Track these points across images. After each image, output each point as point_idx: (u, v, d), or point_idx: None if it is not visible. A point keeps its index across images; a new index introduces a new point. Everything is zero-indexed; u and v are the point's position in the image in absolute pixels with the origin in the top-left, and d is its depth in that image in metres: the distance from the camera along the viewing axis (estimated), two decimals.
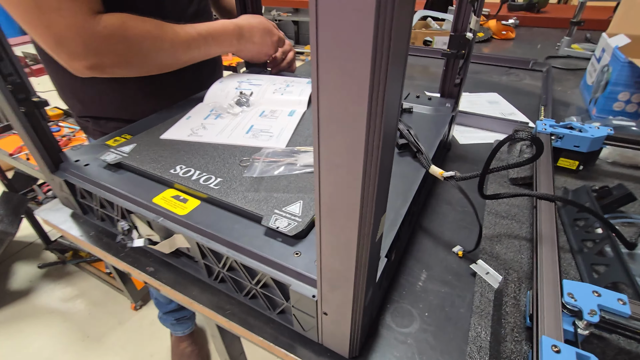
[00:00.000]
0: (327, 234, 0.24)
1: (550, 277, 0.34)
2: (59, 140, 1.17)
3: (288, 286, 0.32)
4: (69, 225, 0.52)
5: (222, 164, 0.45)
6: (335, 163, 0.20)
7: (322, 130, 0.19)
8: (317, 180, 0.21)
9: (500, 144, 0.39)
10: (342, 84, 0.17)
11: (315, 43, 0.16)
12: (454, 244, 0.46)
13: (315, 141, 0.20)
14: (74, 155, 0.50)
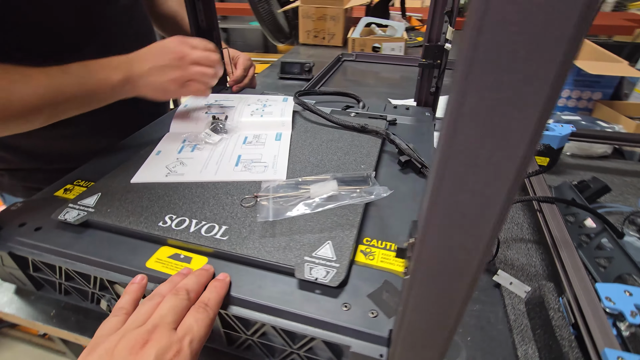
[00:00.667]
0: (422, 292, 0.20)
1: (582, 282, 0.35)
2: None
3: (347, 348, 0.28)
4: (17, 306, 0.40)
5: (220, 208, 0.39)
6: (461, 212, 0.17)
7: (448, 176, 0.16)
8: (428, 230, 0.18)
9: None
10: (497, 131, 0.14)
11: (462, 88, 0.13)
12: None
13: (436, 181, 0.16)
14: (14, 217, 0.39)
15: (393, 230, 0.38)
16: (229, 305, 0.31)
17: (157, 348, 0.25)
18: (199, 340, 0.27)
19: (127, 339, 0.25)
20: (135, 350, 0.25)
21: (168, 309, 0.28)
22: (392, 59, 1.28)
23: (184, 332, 0.27)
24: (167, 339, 0.26)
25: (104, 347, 0.25)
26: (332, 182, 0.40)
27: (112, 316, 0.28)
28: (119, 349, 0.25)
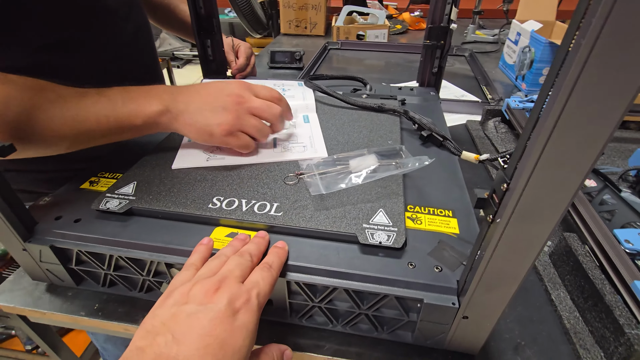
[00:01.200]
0: (512, 233, 0.23)
1: (602, 229, 0.40)
2: None
3: (420, 300, 0.30)
4: (54, 304, 0.39)
5: (265, 187, 0.40)
6: (557, 161, 0.19)
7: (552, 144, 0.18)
8: (524, 181, 0.20)
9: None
10: None
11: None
12: None
13: (539, 144, 0.19)
14: (47, 211, 0.38)
15: (431, 197, 0.40)
16: (299, 274, 0.32)
17: (228, 294, 0.26)
18: (264, 295, 0.28)
19: (200, 284, 0.27)
20: (208, 294, 0.26)
21: (235, 265, 0.29)
22: (377, 45, 1.31)
23: (251, 285, 0.28)
24: (237, 288, 0.27)
25: (179, 291, 0.27)
26: (371, 156, 0.41)
27: (183, 270, 0.30)
28: (193, 292, 0.26)
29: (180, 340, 0.23)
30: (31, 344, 1.14)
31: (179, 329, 0.24)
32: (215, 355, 0.23)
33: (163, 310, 0.26)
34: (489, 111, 0.72)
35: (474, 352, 0.33)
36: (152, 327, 0.25)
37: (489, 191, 0.25)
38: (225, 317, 0.25)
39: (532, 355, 0.34)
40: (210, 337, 0.24)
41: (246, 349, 0.25)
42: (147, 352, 0.23)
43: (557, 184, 0.20)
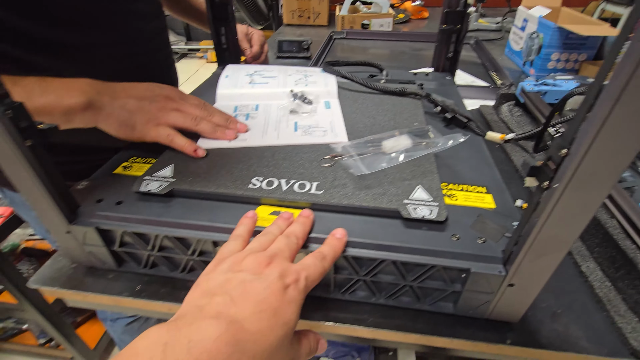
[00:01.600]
0: (570, 197, 0.23)
1: (627, 202, 0.41)
2: None
3: (466, 270, 0.31)
4: (97, 286, 0.39)
5: (301, 168, 0.40)
6: (619, 126, 0.20)
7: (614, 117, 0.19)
8: (586, 146, 0.21)
9: (565, 98, 0.43)
10: None
11: None
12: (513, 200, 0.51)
13: (599, 118, 0.19)
14: (87, 195, 0.38)
15: (463, 175, 0.41)
16: (347, 247, 0.32)
17: (279, 269, 0.27)
18: (312, 280, 0.29)
19: (253, 256, 0.28)
20: (261, 266, 0.27)
21: (284, 245, 0.30)
22: (382, 34, 1.31)
23: (302, 267, 0.28)
24: (287, 266, 0.28)
25: (232, 259, 0.28)
26: (404, 136, 0.42)
27: (231, 241, 0.31)
28: (246, 262, 0.27)
29: (237, 302, 0.24)
30: (44, 337, 1.15)
31: (235, 292, 0.25)
32: (269, 321, 0.24)
33: (216, 274, 0.27)
34: (502, 95, 0.73)
35: (514, 319, 0.34)
36: (208, 289, 0.26)
37: (542, 159, 0.26)
38: (277, 289, 0.26)
39: (569, 322, 0.35)
40: (264, 304, 0.25)
41: (293, 323, 0.26)
42: (206, 310, 0.24)
43: (617, 148, 0.21)
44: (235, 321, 0.23)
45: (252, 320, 0.24)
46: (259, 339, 0.23)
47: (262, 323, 0.24)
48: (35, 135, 0.30)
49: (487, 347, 0.34)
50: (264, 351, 0.23)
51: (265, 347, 0.23)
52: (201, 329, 0.22)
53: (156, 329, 0.22)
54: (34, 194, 0.32)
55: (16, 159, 0.30)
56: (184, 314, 0.24)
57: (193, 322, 0.23)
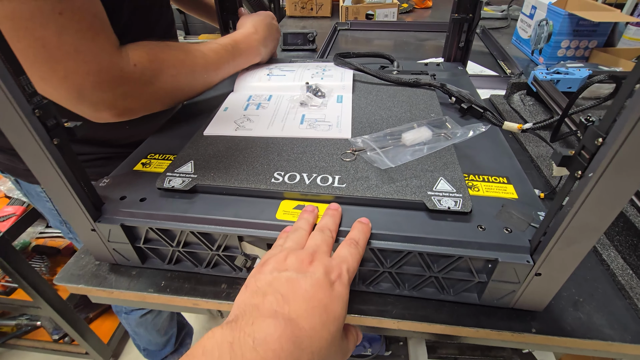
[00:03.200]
0: (605, 185, 0.23)
1: None
2: None
3: (493, 261, 0.31)
4: (122, 283, 0.40)
5: (322, 162, 0.40)
6: None
7: None
8: (624, 135, 0.21)
9: (584, 87, 0.43)
10: None
11: None
12: None
13: None
14: (110, 192, 0.38)
15: (483, 166, 0.41)
16: (373, 240, 0.33)
17: (323, 266, 0.27)
18: (353, 270, 0.29)
19: (294, 254, 0.28)
20: (304, 264, 0.27)
21: (321, 240, 0.30)
22: (387, 25, 1.30)
23: (341, 260, 0.29)
24: (329, 261, 0.28)
25: (274, 259, 0.28)
26: (424, 128, 0.42)
27: (291, 233, 0.32)
28: (289, 262, 0.28)
29: (289, 300, 0.24)
30: (58, 333, 1.16)
31: (284, 290, 0.25)
32: (321, 317, 0.25)
33: (263, 275, 0.27)
34: (514, 84, 0.72)
35: (539, 308, 0.34)
36: (257, 288, 0.26)
37: (574, 149, 0.26)
38: (324, 285, 0.26)
39: (592, 310, 0.35)
40: (314, 300, 0.25)
41: (343, 318, 0.26)
42: (262, 309, 0.24)
43: None
44: (291, 319, 0.23)
45: (306, 317, 0.24)
46: (313, 335, 0.24)
47: (314, 319, 0.24)
48: (63, 133, 0.30)
49: (512, 336, 0.34)
50: (321, 348, 0.24)
51: (322, 343, 0.24)
52: (262, 328, 0.23)
53: (219, 330, 0.23)
54: (61, 192, 0.33)
55: (44, 157, 0.30)
56: (242, 314, 0.24)
57: (254, 322, 0.23)
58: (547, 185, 0.51)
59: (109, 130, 0.54)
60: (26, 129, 0.28)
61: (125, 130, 0.57)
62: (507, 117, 0.68)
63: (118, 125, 0.49)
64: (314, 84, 0.53)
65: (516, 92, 0.73)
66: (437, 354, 0.91)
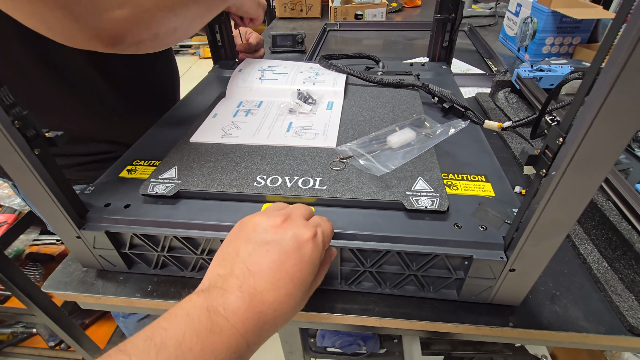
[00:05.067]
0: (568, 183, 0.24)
1: (624, 185, 0.42)
2: None
3: (469, 258, 0.32)
4: (109, 289, 0.40)
5: (304, 164, 0.41)
6: (615, 112, 0.21)
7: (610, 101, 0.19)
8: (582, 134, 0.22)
9: (560, 85, 0.44)
10: None
11: None
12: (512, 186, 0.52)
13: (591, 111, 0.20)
14: (94, 199, 0.39)
15: (462, 165, 0.42)
16: (352, 241, 0.33)
17: (294, 227, 0.28)
18: (327, 235, 0.30)
19: (267, 215, 0.29)
20: (275, 225, 0.28)
21: (297, 207, 0.31)
22: (375, 25, 1.30)
23: (316, 224, 0.29)
24: (303, 223, 0.29)
25: (248, 220, 0.29)
26: (407, 129, 0.43)
27: None
28: (261, 223, 0.28)
29: (255, 273, 0.26)
30: (54, 340, 1.16)
31: (252, 261, 0.26)
32: (287, 289, 0.26)
33: (231, 239, 0.29)
34: (498, 82, 0.73)
35: (516, 303, 0.35)
36: (227, 255, 0.27)
37: (539, 149, 0.26)
38: (293, 251, 0.27)
39: (568, 304, 0.36)
40: (280, 272, 0.26)
41: (310, 280, 0.28)
42: (230, 282, 0.25)
43: (615, 132, 0.22)
44: (256, 293, 0.25)
45: (271, 289, 0.25)
46: (277, 307, 0.25)
47: (279, 291, 0.25)
48: (43, 143, 0.31)
49: (491, 330, 0.35)
50: (285, 313, 0.26)
51: (285, 312, 0.26)
52: (231, 302, 0.24)
53: (195, 296, 0.25)
54: (44, 201, 0.33)
55: (25, 168, 0.30)
56: (213, 284, 0.26)
57: (223, 294, 0.25)
58: (528, 182, 0.52)
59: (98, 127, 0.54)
60: (6, 141, 0.28)
61: (116, 127, 0.57)
62: (491, 115, 0.69)
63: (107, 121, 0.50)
64: (305, 90, 0.54)
65: (500, 90, 0.74)
66: (430, 350, 0.91)
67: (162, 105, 0.62)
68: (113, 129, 0.58)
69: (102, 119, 0.56)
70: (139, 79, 0.60)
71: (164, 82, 0.67)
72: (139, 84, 0.60)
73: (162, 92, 0.67)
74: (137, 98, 0.60)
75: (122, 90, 0.57)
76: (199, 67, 3.44)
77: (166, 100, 0.68)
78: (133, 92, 0.59)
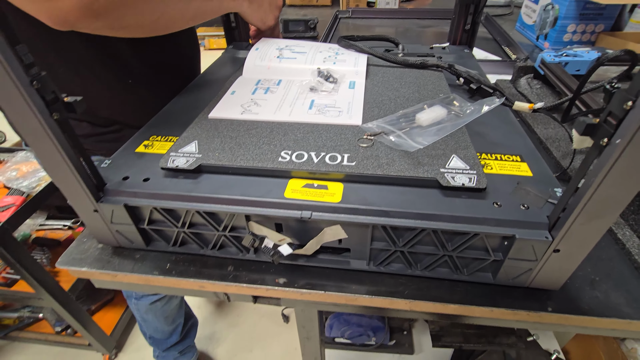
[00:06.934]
0: (634, 152, 0.22)
1: None
2: None
3: (510, 237, 0.30)
4: (126, 266, 0.39)
5: (329, 141, 0.39)
6: None
7: None
8: None
9: (592, 69, 0.42)
10: None
11: None
12: None
13: None
14: (113, 172, 0.37)
15: (495, 145, 0.40)
16: (385, 217, 0.32)
17: None
18: None
19: None
20: None
21: None
22: (388, 12, 1.28)
23: None
24: None
25: None
26: (437, 107, 0.41)
27: None
28: None
29: None
30: (60, 325, 1.15)
31: None
32: None
33: None
34: (520, 68, 0.71)
35: (555, 287, 0.33)
36: None
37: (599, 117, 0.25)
38: None
39: (609, 289, 0.34)
40: None
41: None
42: None
43: None
44: None
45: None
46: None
47: None
48: (62, 108, 0.29)
49: (528, 315, 0.33)
50: None
51: None
52: None
53: None
54: (62, 171, 0.31)
55: (44, 134, 0.29)
56: None
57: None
58: (557, 167, 0.50)
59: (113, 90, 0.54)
60: (25, 103, 0.27)
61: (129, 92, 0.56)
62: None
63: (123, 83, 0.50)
64: (325, 69, 0.52)
65: (523, 76, 0.72)
66: (441, 342, 0.90)
67: (179, 76, 0.61)
68: (125, 94, 0.56)
69: (117, 82, 0.54)
70: (160, 44, 0.57)
71: (185, 51, 0.65)
72: (161, 50, 0.58)
73: (182, 62, 0.65)
74: (157, 64, 0.58)
75: (141, 54, 0.55)
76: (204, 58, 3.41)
77: (183, 72, 0.65)
78: (153, 56, 0.57)
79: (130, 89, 0.56)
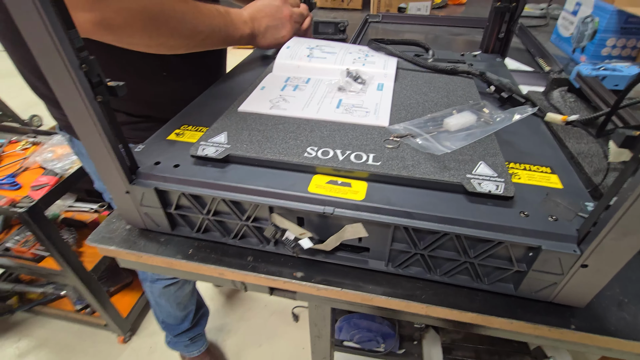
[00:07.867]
0: None
1: None
2: None
3: (536, 249, 0.29)
4: (150, 248, 0.40)
5: (355, 140, 0.39)
6: None
7: None
8: None
9: (633, 84, 0.40)
10: None
11: None
12: None
13: None
14: (145, 157, 0.39)
15: (524, 155, 0.39)
16: (407, 219, 0.31)
17: None
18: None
19: None
20: None
21: None
22: (418, 19, 1.27)
23: None
24: None
25: None
26: (466, 112, 0.40)
27: None
28: None
29: None
30: (81, 304, 1.20)
31: None
32: None
33: None
34: (554, 80, 0.69)
35: (580, 305, 0.32)
36: None
37: None
38: None
39: (638, 311, 0.33)
40: None
41: None
42: None
43: None
44: None
45: None
46: None
47: None
48: (105, 91, 0.31)
49: (550, 331, 0.32)
50: None
51: None
52: None
53: None
54: (100, 151, 0.33)
55: (87, 115, 0.30)
56: None
57: None
58: (589, 182, 0.48)
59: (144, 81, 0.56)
60: (72, 83, 0.28)
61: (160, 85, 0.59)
62: None
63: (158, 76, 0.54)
64: (354, 70, 0.52)
65: (556, 89, 0.70)
66: (452, 356, 0.88)
67: (209, 71, 0.64)
68: (158, 87, 0.59)
69: (153, 74, 0.57)
70: None
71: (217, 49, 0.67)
72: None
73: (212, 59, 0.67)
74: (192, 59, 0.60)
75: None
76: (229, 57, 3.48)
77: (212, 68, 0.67)
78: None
79: (162, 81, 0.58)
